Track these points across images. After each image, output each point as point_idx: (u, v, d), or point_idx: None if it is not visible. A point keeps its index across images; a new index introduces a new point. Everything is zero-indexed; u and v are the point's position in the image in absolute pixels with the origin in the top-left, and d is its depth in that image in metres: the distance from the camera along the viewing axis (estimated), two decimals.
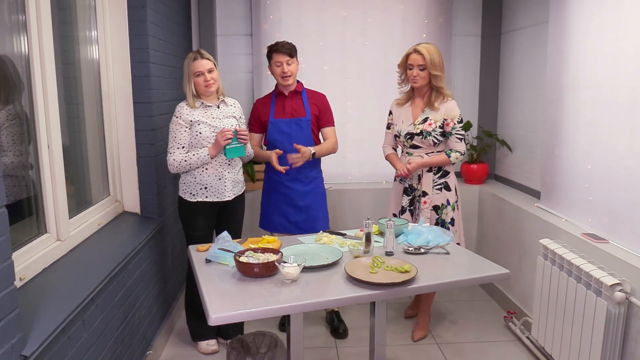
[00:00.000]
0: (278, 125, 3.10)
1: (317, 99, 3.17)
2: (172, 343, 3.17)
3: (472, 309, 3.63)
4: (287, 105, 3.11)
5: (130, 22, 2.86)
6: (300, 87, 3.15)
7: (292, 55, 3.01)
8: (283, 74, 3.00)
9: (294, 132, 3.08)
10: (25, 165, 2.13)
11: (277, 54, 2.99)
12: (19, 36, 2.04)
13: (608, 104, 2.54)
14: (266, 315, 1.80)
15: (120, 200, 3.00)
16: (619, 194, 2.45)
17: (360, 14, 4.06)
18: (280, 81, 3.05)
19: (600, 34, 2.61)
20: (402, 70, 3.05)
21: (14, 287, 1.52)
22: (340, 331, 3.27)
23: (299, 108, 3.11)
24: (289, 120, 3.09)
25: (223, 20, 4.07)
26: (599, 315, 2.29)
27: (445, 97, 2.99)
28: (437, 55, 2.92)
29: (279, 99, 3.14)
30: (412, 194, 3.08)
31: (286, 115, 3.10)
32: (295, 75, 3.07)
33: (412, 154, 3.05)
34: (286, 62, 2.99)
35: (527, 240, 3.22)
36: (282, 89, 3.11)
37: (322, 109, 3.16)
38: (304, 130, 3.09)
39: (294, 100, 3.12)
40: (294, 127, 3.09)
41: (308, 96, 3.15)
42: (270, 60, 3.05)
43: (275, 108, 3.12)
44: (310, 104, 3.13)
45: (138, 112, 2.95)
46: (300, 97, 3.14)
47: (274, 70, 3.03)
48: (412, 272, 2.01)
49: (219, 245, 2.23)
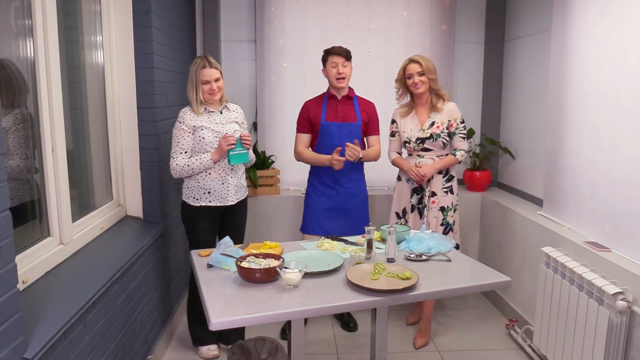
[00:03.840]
0: (329, 128, 3.15)
1: (367, 106, 3.24)
2: (173, 347, 3.17)
3: (474, 317, 3.62)
4: (339, 109, 3.17)
5: (135, 27, 2.88)
6: (352, 93, 3.22)
7: (348, 58, 3.11)
8: (338, 75, 3.07)
9: (344, 135, 3.13)
10: (31, 168, 2.14)
11: (334, 55, 3.09)
12: (25, 40, 2.06)
13: (611, 112, 2.54)
14: (267, 320, 1.80)
15: (123, 205, 3.01)
16: (622, 202, 2.44)
17: (364, 20, 4.08)
18: (334, 82, 3.11)
19: (603, 42, 2.61)
20: (401, 84, 3.18)
21: (16, 290, 1.53)
22: (351, 325, 3.38)
23: (350, 113, 3.18)
24: (340, 124, 3.15)
25: (227, 26, 4.10)
26: (600, 324, 2.28)
27: (445, 98, 3.13)
28: (430, 62, 3.11)
29: (331, 102, 3.19)
30: (422, 194, 3.16)
31: (338, 119, 3.16)
32: (349, 78, 3.14)
33: (423, 156, 3.15)
34: (342, 63, 3.07)
35: (530, 248, 3.21)
36: (335, 92, 3.18)
37: (371, 116, 3.23)
38: (354, 135, 3.15)
39: (345, 104, 3.19)
40: (345, 131, 3.14)
41: (359, 102, 3.22)
42: (325, 63, 3.14)
43: (327, 111, 3.17)
44: (361, 110, 3.20)
45: (142, 117, 2.96)
46: (351, 102, 3.20)
47: (329, 71, 3.10)
48: (413, 279, 2.00)
49: (221, 251, 2.23)
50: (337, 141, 3.10)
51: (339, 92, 3.17)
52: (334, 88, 3.16)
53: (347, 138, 3.10)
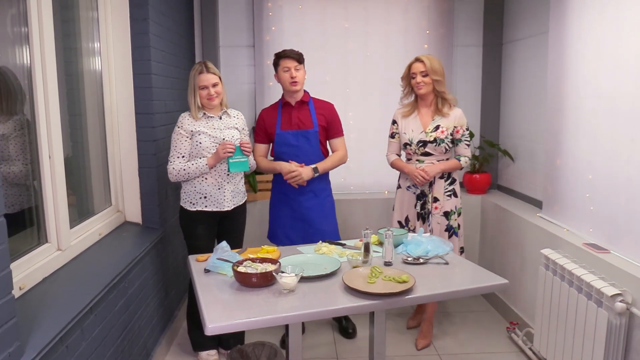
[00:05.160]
0: (285, 137, 3.05)
1: (325, 109, 3.12)
2: (172, 353, 3.16)
3: (475, 320, 3.61)
4: (293, 116, 3.06)
5: (133, 34, 2.89)
6: (307, 97, 3.10)
7: (300, 61, 3.00)
8: (291, 79, 2.96)
9: (301, 144, 3.04)
10: (30, 175, 2.15)
11: (285, 59, 2.97)
12: (21, 47, 2.07)
13: (609, 114, 2.53)
14: (263, 325, 1.80)
15: (122, 210, 3.02)
16: (621, 203, 2.44)
17: (362, 25, 4.09)
18: (288, 87, 3.00)
19: (600, 44, 2.61)
20: (406, 82, 3.11)
21: (11, 297, 1.53)
22: (349, 331, 3.30)
23: (306, 119, 3.06)
24: (295, 132, 3.05)
25: (226, 32, 4.11)
26: (600, 326, 2.27)
27: (450, 102, 3.07)
28: (436, 62, 3.03)
29: (285, 110, 3.09)
30: (424, 199, 3.11)
31: (293, 126, 3.05)
32: (303, 82, 3.03)
33: (423, 161, 3.09)
34: (294, 67, 2.96)
35: (529, 250, 3.20)
36: (289, 99, 3.07)
37: (330, 119, 3.11)
38: (311, 142, 3.05)
39: (300, 110, 3.08)
40: (301, 139, 3.05)
41: (315, 106, 3.10)
42: (277, 68, 3.01)
43: (282, 119, 3.07)
44: (317, 114, 3.08)
45: (140, 122, 2.97)
46: (307, 107, 3.09)
47: (282, 76, 2.99)
48: (410, 282, 2.00)
49: (218, 255, 2.24)
50: (295, 150, 3.03)
51: (293, 98, 3.05)
52: (287, 94, 3.05)
53: (304, 146, 3.03)
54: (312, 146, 3.06)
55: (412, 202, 3.15)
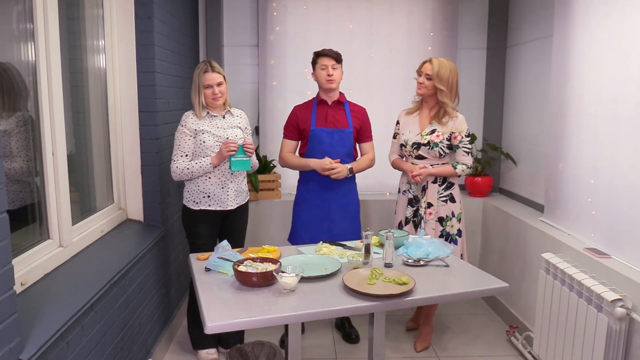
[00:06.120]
0: (319, 134, 3.06)
1: (359, 112, 3.15)
2: (172, 351, 3.17)
3: (475, 323, 3.61)
4: (329, 115, 3.08)
5: (137, 32, 2.90)
6: (343, 98, 3.14)
7: (338, 60, 3.02)
8: (328, 77, 2.99)
9: (335, 142, 3.06)
10: (32, 171, 2.16)
11: (323, 57, 3.00)
12: (26, 44, 2.08)
13: (612, 119, 2.53)
14: (262, 324, 1.81)
15: (124, 208, 3.03)
16: (622, 209, 2.43)
17: (366, 26, 4.10)
18: (324, 84, 3.02)
19: (604, 49, 2.61)
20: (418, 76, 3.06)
21: (13, 292, 1.54)
22: (353, 337, 3.29)
23: (342, 119, 3.09)
24: (331, 130, 3.06)
25: (230, 31, 4.12)
26: (599, 331, 2.26)
27: (451, 115, 3.00)
28: (447, 70, 2.93)
29: (321, 107, 3.11)
30: (416, 206, 3.08)
31: (328, 124, 3.07)
32: (339, 81, 3.05)
33: (416, 164, 3.05)
34: (332, 65, 2.99)
35: (530, 254, 3.20)
36: (325, 97, 3.09)
37: (363, 122, 3.14)
38: (344, 142, 3.07)
39: (337, 110, 3.10)
40: (336, 137, 3.06)
41: (350, 108, 3.14)
42: (315, 65, 3.05)
43: (317, 116, 3.09)
44: (353, 116, 3.11)
45: (143, 120, 2.98)
46: (343, 108, 3.12)
47: (319, 74, 3.02)
48: (410, 284, 2.00)
49: (219, 254, 2.24)
50: (328, 148, 3.04)
51: (330, 97, 3.08)
52: (324, 92, 3.08)
53: (338, 145, 3.04)
54: (345, 146, 3.07)
55: (405, 205, 3.13)
